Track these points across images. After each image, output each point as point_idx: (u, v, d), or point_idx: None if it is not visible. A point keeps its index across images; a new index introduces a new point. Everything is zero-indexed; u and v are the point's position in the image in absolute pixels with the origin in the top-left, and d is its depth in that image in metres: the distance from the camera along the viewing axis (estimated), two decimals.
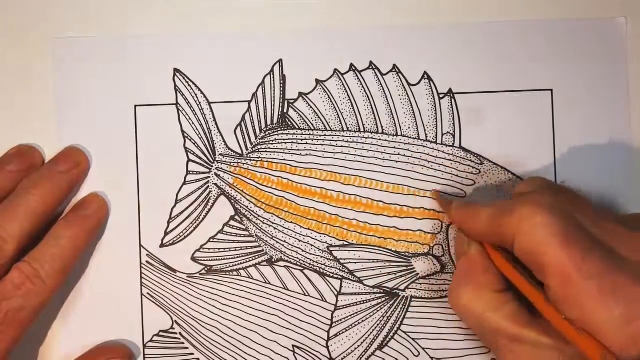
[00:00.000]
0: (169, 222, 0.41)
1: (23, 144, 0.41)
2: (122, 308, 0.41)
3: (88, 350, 0.40)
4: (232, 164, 0.41)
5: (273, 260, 0.41)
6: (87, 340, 0.40)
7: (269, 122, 0.41)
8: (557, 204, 0.33)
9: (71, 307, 0.41)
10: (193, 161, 0.41)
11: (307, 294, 0.41)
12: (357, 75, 0.41)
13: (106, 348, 0.40)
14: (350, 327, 0.41)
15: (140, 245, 0.41)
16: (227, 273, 0.41)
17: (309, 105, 0.41)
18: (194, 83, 0.41)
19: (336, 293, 0.41)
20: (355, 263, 0.41)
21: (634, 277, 0.31)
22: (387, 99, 0.41)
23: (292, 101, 0.41)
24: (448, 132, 0.41)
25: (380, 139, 0.41)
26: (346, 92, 0.41)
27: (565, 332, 0.32)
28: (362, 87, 0.41)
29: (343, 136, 0.41)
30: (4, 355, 0.36)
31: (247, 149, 0.41)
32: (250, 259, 0.41)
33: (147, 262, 0.41)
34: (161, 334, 0.41)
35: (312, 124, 0.41)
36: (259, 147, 0.41)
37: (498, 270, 0.35)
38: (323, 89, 0.41)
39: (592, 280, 0.31)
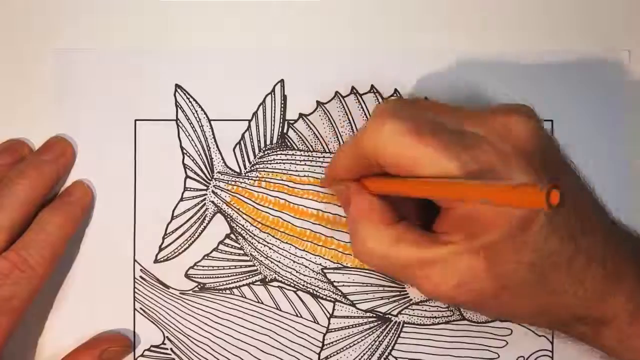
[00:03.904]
0: (163, 238, 0.41)
1: (13, 138, 0.41)
2: (114, 322, 0.41)
3: (89, 339, 0.40)
4: (229, 182, 0.41)
5: (267, 280, 0.41)
6: None
7: (268, 142, 0.41)
8: (398, 107, 0.33)
9: (63, 320, 0.41)
10: (191, 178, 0.41)
11: (299, 315, 0.41)
12: (358, 99, 0.41)
13: (107, 337, 0.40)
14: (342, 350, 0.41)
15: (135, 260, 0.41)
16: (220, 291, 0.41)
17: (309, 126, 0.41)
18: (194, 99, 0.41)
19: (328, 315, 0.41)
20: (349, 286, 0.41)
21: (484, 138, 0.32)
22: None
23: (292, 122, 0.41)
24: None
25: None
26: (346, 114, 0.41)
27: (491, 194, 0.28)
28: (363, 110, 0.41)
29: None
30: (1, 343, 0.36)
31: (245, 168, 0.41)
32: (244, 278, 0.41)
33: (141, 277, 0.41)
34: (152, 349, 0.41)
35: (312, 146, 0.41)
36: (258, 166, 0.41)
37: (385, 199, 0.35)
38: (323, 110, 0.41)
39: (450, 149, 0.31)
